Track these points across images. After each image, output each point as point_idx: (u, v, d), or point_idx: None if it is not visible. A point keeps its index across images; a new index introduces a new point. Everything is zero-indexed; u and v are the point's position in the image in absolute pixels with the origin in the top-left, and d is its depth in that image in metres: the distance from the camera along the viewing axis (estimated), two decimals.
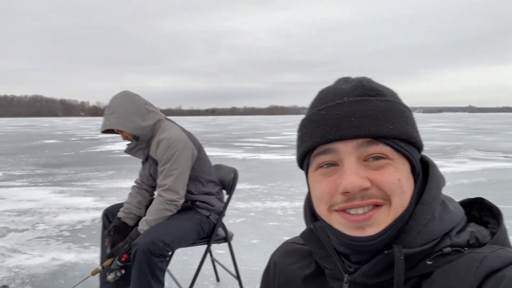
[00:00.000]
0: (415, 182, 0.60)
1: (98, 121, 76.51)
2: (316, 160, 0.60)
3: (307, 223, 0.70)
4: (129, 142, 2.29)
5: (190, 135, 2.30)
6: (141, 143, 2.27)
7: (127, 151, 2.32)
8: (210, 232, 2.29)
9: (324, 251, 0.66)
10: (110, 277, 2.09)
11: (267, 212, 4.96)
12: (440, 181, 0.62)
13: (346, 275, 0.62)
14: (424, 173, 0.63)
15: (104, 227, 2.43)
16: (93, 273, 2.14)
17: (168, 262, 2.07)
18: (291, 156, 11.28)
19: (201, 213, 2.24)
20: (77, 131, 30.78)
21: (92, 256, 3.46)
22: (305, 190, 0.74)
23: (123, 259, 2.06)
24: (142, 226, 2.12)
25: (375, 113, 0.56)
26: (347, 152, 0.56)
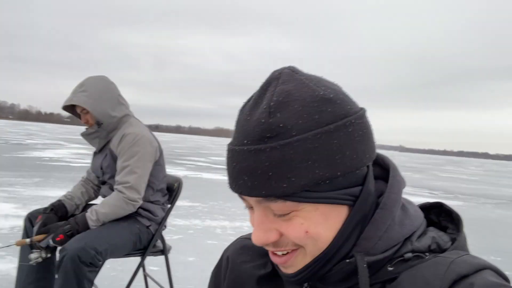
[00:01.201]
0: (356, 201, 0.54)
1: (28, 125, 70.96)
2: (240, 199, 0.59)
3: None
4: (87, 127, 2.17)
5: (155, 137, 2.21)
6: (101, 131, 2.14)
7: (84, 134, 2.19)
8: (148, 243, 2.15)
9: None
10: (34, 255, 1.89)
11: (206, 231, 4.83)
12: (401, 184, 0.60)
13: (305, 283, 0.60)
14: (385, 172, 0.61)
15: (26, 232, 2.18)
16: (18, 244, 1.94)
17: (97, 272, 1.88)
18: None
19: (141, 222, 2.11)
20: (3, 134, 28.21)
21: (7, 266, 3.10)
22: (246, 211, 0.72)
23: (58, 238, 1.88)
24: (91, 215, 1.97)
25: (266, 170, 0.49)
26: (253, 203, 0.55)
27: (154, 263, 3.00)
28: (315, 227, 0.53)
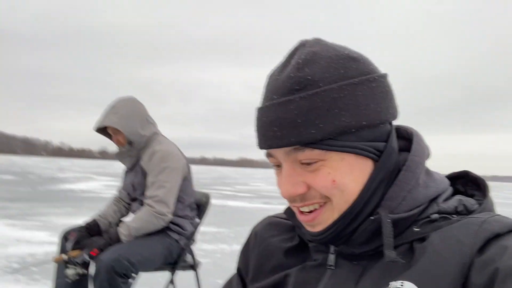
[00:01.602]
0: (378, 158, 0.56)
1: (61, 161, 73.60)
2: (268, 159, 0.61)
3: None
4: (119, 147, 2.27)
5: (183, 154, 2.29)
6: (132, 150, 2.23)
7: (117, 154, 2.29)
8: (178, 257, 2.18)
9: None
10: (70, 271, 1.93)
11: (234, 254, 4.79)
12: (425, 149, 0.61)
13: (332, 246, 0.60)
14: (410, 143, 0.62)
15: (62, 249, 2.26)
16: (56, 260, 1.98)
17: (130, 285, 1.92)
18: (260, 205, 11.18)
19: (171, 236, 2.15)
20: (37, 169, 29.35)
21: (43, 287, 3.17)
22: None
23: (92, 253, 1.93)
24: (123, 230, 2.04)
25: (295, 118, 0.52)
26: (281, 157, 0.57)
27: (182, 281, 3.01)
28: (342, 177, 0.54)
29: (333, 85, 0.53)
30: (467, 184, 0.64)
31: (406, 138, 0.63)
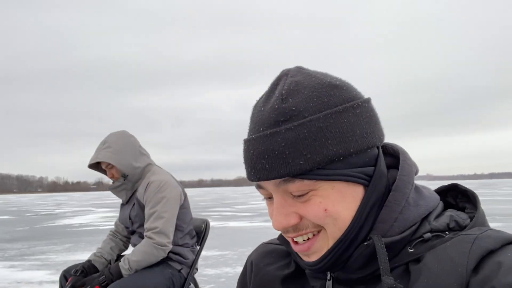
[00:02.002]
0: (371, 181, 0.56)
1: (56, 196, 72.77)
2: (258, 191, 0.61)
3: None
4: (114, 181, 2.26)
5: (178, 182, 2.29)
6: (127, 184, 2.23)
7: (112, 188, 2.28)
8: (181, 287, 2.15)
9: None
10: None
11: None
12: (412, 167, 0.60)
13: (329, 272, 0.60)
14: (396, 160, 0.62)
15: (61, 287, 2.23)
16: None
17: None
18: (261, 223, 11.09)
19: (172, 266, 2.13)
20: (33, 207, 28.97)
21: None
22: None
23: None
24: (123, 263, 2.01)
25: (282, 150, 0.52)
26: (271, 189, 0.56)
27: None
28: (333, 205, 0.54)
29: (318, 115, 0.53)
30: (457, 196, 0.64)
31: (393, 155, 0.63)
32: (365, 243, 0.55)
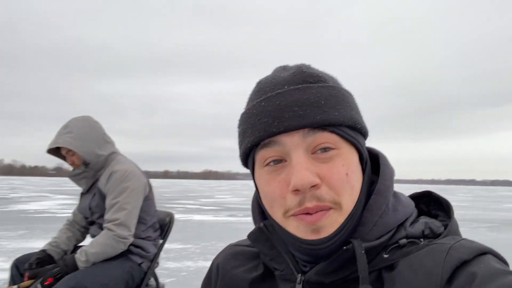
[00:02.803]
0: (364, 170, 0.58)
1: (12, 180, 69.39)
2: (261, 155, 0.55)
3: (255, 221, 0.65)
4: (74, 168, 2.14)
5: (143, 173, 2.20)
6: (88, 171, 2.12)
7: (72, 176, 2.16)
8: (140, 281, 2.08)
9: (274, 251, 0.61)
10: None
11: (200, 272, 4.69)
12: (392, 172, 0.60)
13: (299, 274, 0.58)
14: (373, 164, 0.62)
15: (13, 280, 2.10)
16: None
17: None
18: (225, 218, 11.06)
19: (132, 260, 2.05)
20: None
21: None
22: None
23: (47, 282, 1.80)
24: (80, 256, 1.91)
25: (318, 100, 0.53)
26: (294, 144, 0.52)
27: None
28: (353, 171, 0.54)
29: (340, 86, 0.58)
30: (430, 203, 0.64)
31: (371, 159, 0.63)
32: (345, 247, 0.53)
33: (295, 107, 0.52)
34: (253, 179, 0.61)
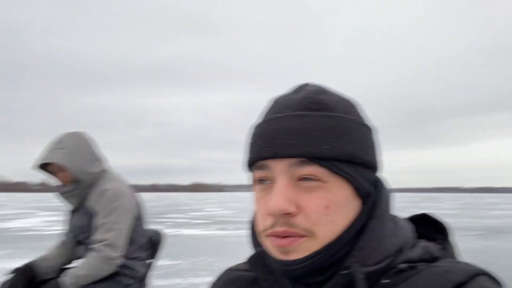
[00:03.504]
0: (365, 202, 0.57)
1: None
2: (256, 173, 0.57)
3: (253, 245, 0.64)
4: (63, 185, 2.09)
5: (134, 192, 2.16)
6: (78, 189, 2.06)
7: (61, 193, 2.10)
8: None
9: (273, 276, 0.60)
10: None
11: None
12: (389, 195, 0.61)
13: None
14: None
15: None
16: None
17: None
18: (215, 231, 10.96)
19: (121, 282, 2.00)
20: None
21: None
22: (230, 264, 0.72)
23: None
24: (68, 279, 1.85)
25: (311, 130, 0.52)
26: (280, 170, 0.54)
27: None
28: (335, 206, 0.53)
29: (347, 116, 0.56)
30: (426, 226, 0.64)
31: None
32: (342, 272, 0.53)
33: (287, 135, 0.53)
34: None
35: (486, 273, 0.52)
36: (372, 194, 0.57)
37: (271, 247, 0.55)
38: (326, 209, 0.52)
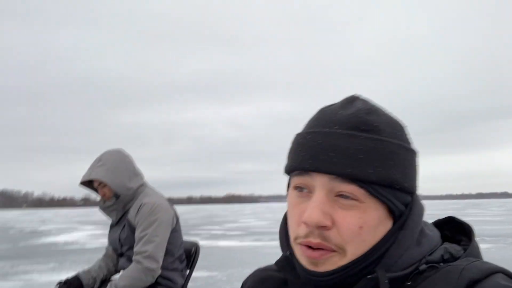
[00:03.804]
0: (396, 220, 0.58)
1: (42, 213, 71.21)
2: (295, 180, 0.59)
3: (283, 249, 0.67)
4: (104, 200, 2.22)
5: (171, 205, 2.26)
6: (118, 204, 2.19)
7: (103, 207, 2.23)
8: None
9: (300, 281, 0.62)
10: None
11: None
12: (422, 209, 0.62)
13: None
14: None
15: None
16: None
17: None
18: (250, 243, 10.97)
19: None
20: (17, 223, 28.26)
21: None
22: None
23: None
24: None
25: (357, 153, 0.53)
26: (320, 183, 0.55)
27: None
28: (369, 227, 0.54)
29: (393, 140, 0.56)
30: (453, 229, 0.65)
31: None
32: (369, 276, 0.55)
33: (331, 153, 0.54)
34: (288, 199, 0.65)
35: (503, 270, 0.52)
36: (404, 212, 0.58)
37: (301, 256, 0.58)
38: (359, 229, 0.54)
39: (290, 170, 0.60)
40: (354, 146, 0.54)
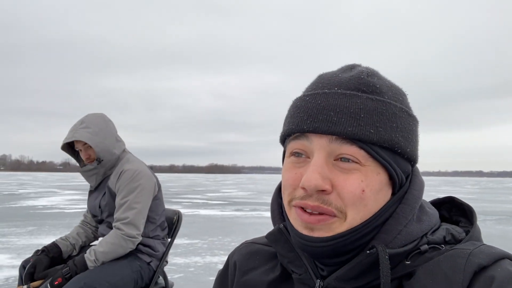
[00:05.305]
0: (395, 192, 0.56)
1: (20, 175, 70.11)
2: (291, 145, 0.56)
3: (274, 222, 0.64)
4: (85, 163, 2.14)
5: (152, 172, 2.20)
6: (99, 168, 2.13)
7: (83, 171, 2.16)
8: (149, 280, 2.09)
9: (293, 254, 0.60)
10: None
11: (208, 267, 4.71)
12: (423, 184, 0.60)
13: (318, 280, 0.57)
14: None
15: (21, 279, 2.11)
16: None
17: None
18: (232, 212, 11.10)
19: (141, 259, 2.06)
20: None
21: None
22: None
23: (56, 282, 1.82)
24: (89, 255, 1.92)
25: (358, 111, 0.51)
26: (319, 146, 0.52)
27: None
28: (371, 190, 0.52)
29: (396, 103, 0.55)
30: (452, 209, 0.63)
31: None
32: (368, 252, 0.53)
33: (331, 112, 0.52)
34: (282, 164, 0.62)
35: (509, 256, 0.51)
36: (404, 184, 0.57)
37: (296, 219, 0.55)
38: (362, 193, 0.51)
39: (287, 134, 0.56)
40: (355, 106, 0.52)
